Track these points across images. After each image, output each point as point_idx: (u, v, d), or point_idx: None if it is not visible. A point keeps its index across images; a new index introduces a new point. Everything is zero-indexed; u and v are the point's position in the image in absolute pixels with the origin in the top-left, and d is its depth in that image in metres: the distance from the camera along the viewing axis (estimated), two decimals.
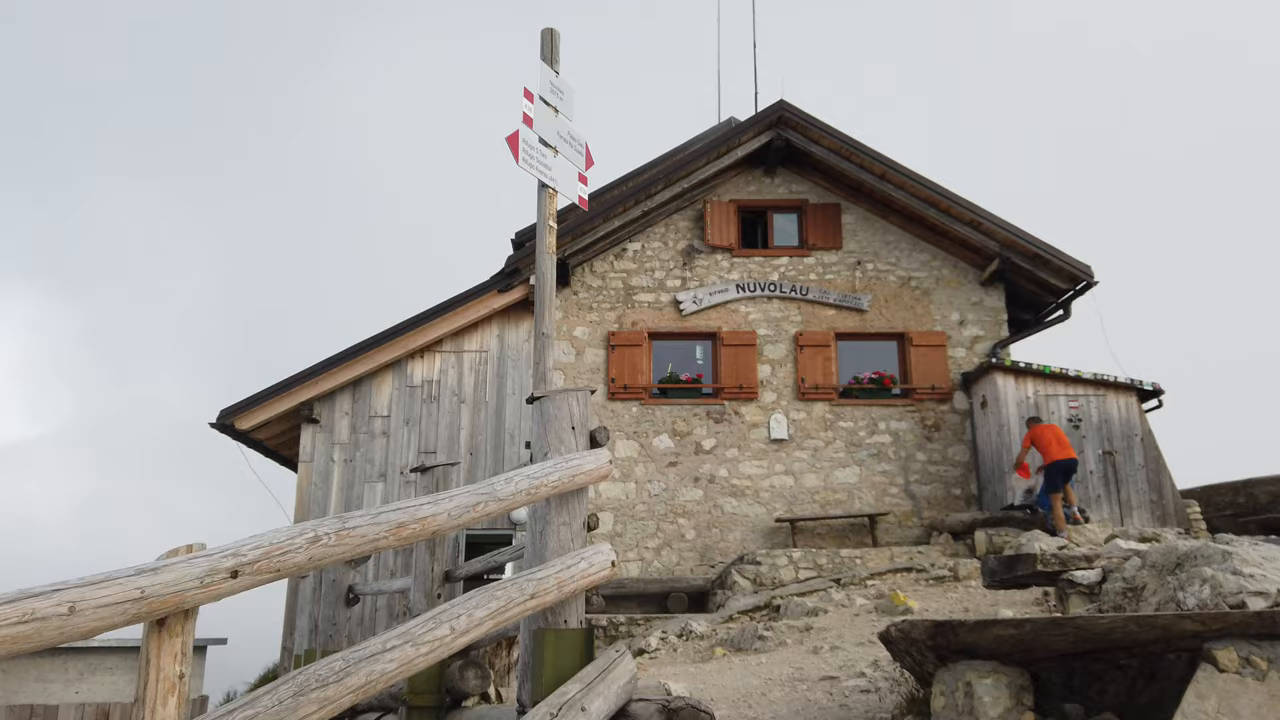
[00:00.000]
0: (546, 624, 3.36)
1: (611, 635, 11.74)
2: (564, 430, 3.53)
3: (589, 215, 13.61)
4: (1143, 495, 12.42)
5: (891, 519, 13.21)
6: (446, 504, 2.55)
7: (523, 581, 2.95)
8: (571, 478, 3.30)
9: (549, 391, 3.62)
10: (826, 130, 13.75)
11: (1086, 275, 13.35)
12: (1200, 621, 3.04)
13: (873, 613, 8.52)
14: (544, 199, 4.25)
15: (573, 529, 3.50)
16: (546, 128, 4.34)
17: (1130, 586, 3.75)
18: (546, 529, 3.49)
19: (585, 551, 3.40)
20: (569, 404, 3.57)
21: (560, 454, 3.49)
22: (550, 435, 3.55)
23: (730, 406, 13.62)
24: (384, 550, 2.31)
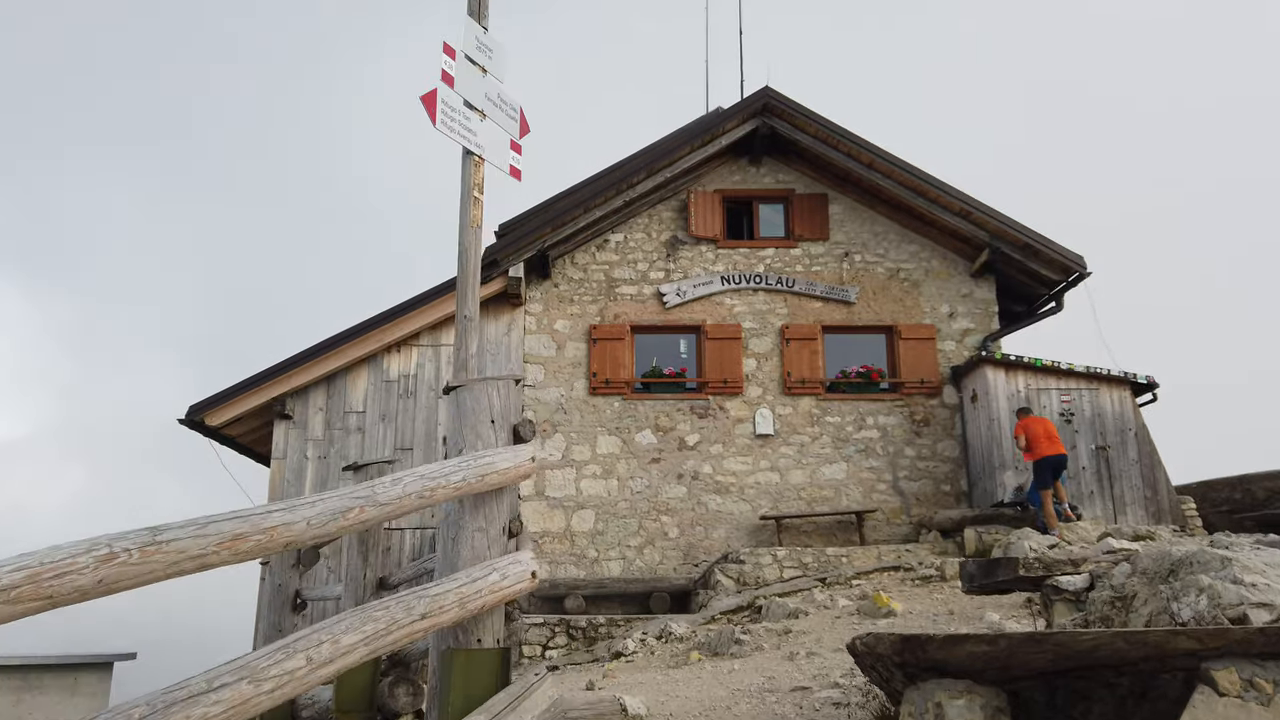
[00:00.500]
0: (457, 643, 3.00)
1: (591, 637, 11.40)
2: (482, 424, 3.18)
3: (569, 205, 13.26)
4: (1136, 492, 12.09)
5: (879, 516, 12.88)
6: (306, 510, 2.17)
7: (411, 599, 2.58)
8: (480, 478, 2.94)
9: (466, 381, 3.27)
10: (813, 118, 13.39)
11: (1079, 266, 13.01)
12: (1197, 639, 2.70)
13: (855, 615, 8.18)
14: (468, 167, 3.89)
15: (489, 535, 3.14)
16: (472, 88, 3.96)
17: (1119, 595, 3.42)
18: (460, 535, 3.13)
19: (499, 561, 3.03)
20: (488, 394, 3.21)
21: (476, 450, 3.13)
22: (466, 430, 3.20)
23: (715, 401, 13.27)
24: (216, 568, 1.94)
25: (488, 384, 3.21)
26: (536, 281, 13.67)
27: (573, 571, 12.60)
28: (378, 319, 12.97)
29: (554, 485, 12.91)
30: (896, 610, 7.85)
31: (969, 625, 6.84)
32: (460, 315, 3.76)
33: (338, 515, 2.23)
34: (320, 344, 12.83)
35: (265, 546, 2.00)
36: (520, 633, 11.48)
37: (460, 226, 3.80)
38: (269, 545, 2.00)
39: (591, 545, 12.72)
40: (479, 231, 3.78)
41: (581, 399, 13.23)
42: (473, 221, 3.78)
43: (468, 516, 3.11)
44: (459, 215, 3.79)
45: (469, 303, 3.73)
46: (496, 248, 13.08)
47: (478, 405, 3.20)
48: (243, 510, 2.00)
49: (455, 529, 3.14)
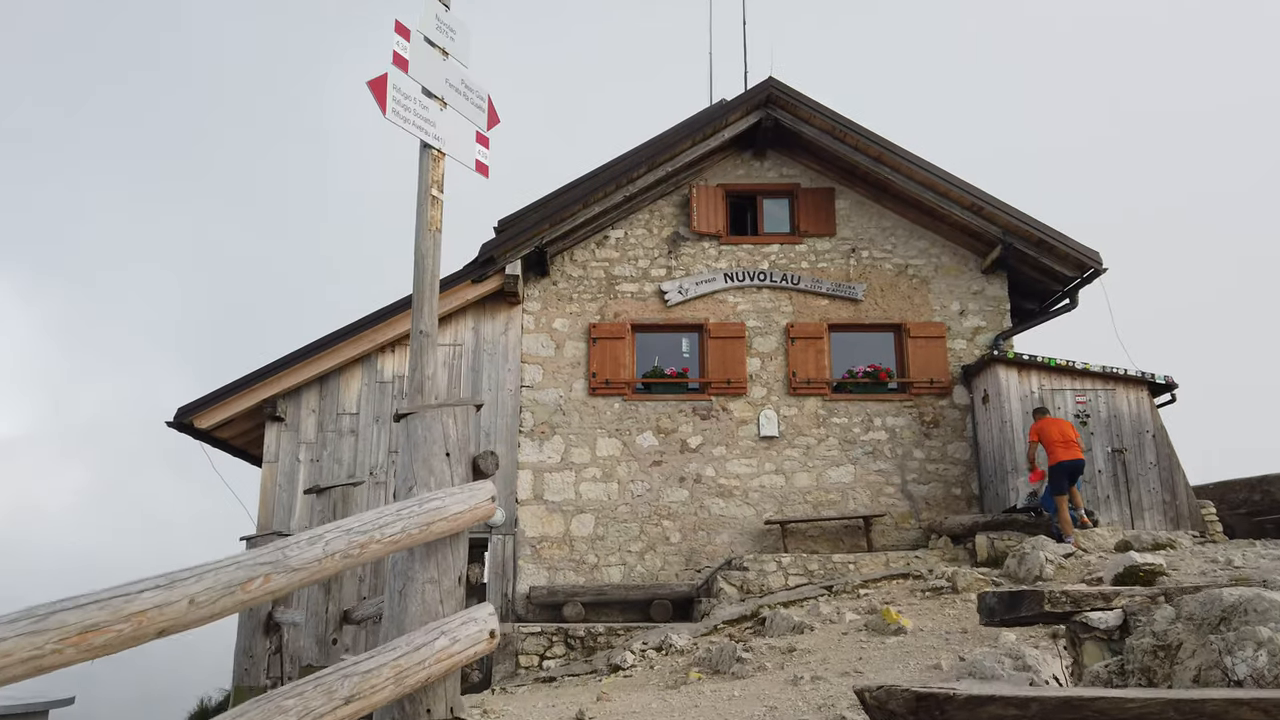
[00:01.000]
0: (403, 714, 2.62)
1: (590, 646, 11.05)
2: (435, 457, 2.81)
3: (568, 200, 12.88)
4: (1155, 496, 11.68)
5: (888, 520, 12.49)
6: (190, 586, 1.77)
7: (334, 679, 2.18)
8: (425, 527, 2.55)
9: (417, 407, 2.89)
10: (818, 109, 12.97)
11: (1094, 262, 12.58)
12: (1264, 710, 2.31)
13: (862, 631, 7.80)
14: (425, 162, 3.50)
15: (443, 587, 2.76)
16: (430, 74, 3.57)
17: (1162, 644, 3.04)
18: (408, 588, 2.75)
19: (450, 622, 2.64)
20: (443, 423, 2.84)
21: (429, 488, 2.76)
22: (417, 464, 2.82)
23: (718, 402, 12.89)
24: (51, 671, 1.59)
25: (443, 411, 2.84)
26: (535, 279, 13.30)
27: (572, 578, 12.26)
28: (371, 318, 12.62)
29: (553, 489, 12.55)
30: (906, 627, 7.46)
31: (985, 647, 6.45)
32: (415, 330, 3.37)
33: (234, 589, 1.85)
34: (312, 344, 12.49)
35: (132, 637, 1.61)
36: (517, 642, 11.14)
37: (416, 229, 3.41)
38: (138, 635, 1.62)
39: (591, 550, 12.37)
40: (438, 236, 3.40)
41: (581, 400, 12.87)
42: (430, 224, 3.39)
43: (417, 566, 2.73)
44: (415, 216, 3.40)
45: (425, 316, 3.34)
46: (493, 244, 12.71)
47: (430, 435, 2.83)
48: (102, 593, 1.61)
49: (403, 580, 2.75)
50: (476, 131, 3.82)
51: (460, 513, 2.69)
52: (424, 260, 3.38)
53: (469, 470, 2.91)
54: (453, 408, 2.87)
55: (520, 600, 12.13)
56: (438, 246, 3.38)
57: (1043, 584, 8.62)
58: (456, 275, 12.76)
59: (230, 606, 1.87)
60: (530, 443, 12.69)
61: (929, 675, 5.89)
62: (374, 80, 3.31)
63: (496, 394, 12.84)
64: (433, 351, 3.32)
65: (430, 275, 3.41)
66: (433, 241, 3.37)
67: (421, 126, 3.48)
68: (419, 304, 3.40)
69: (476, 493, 2.80)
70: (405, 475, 2.84)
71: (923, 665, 6.22)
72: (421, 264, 3.38)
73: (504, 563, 12.31)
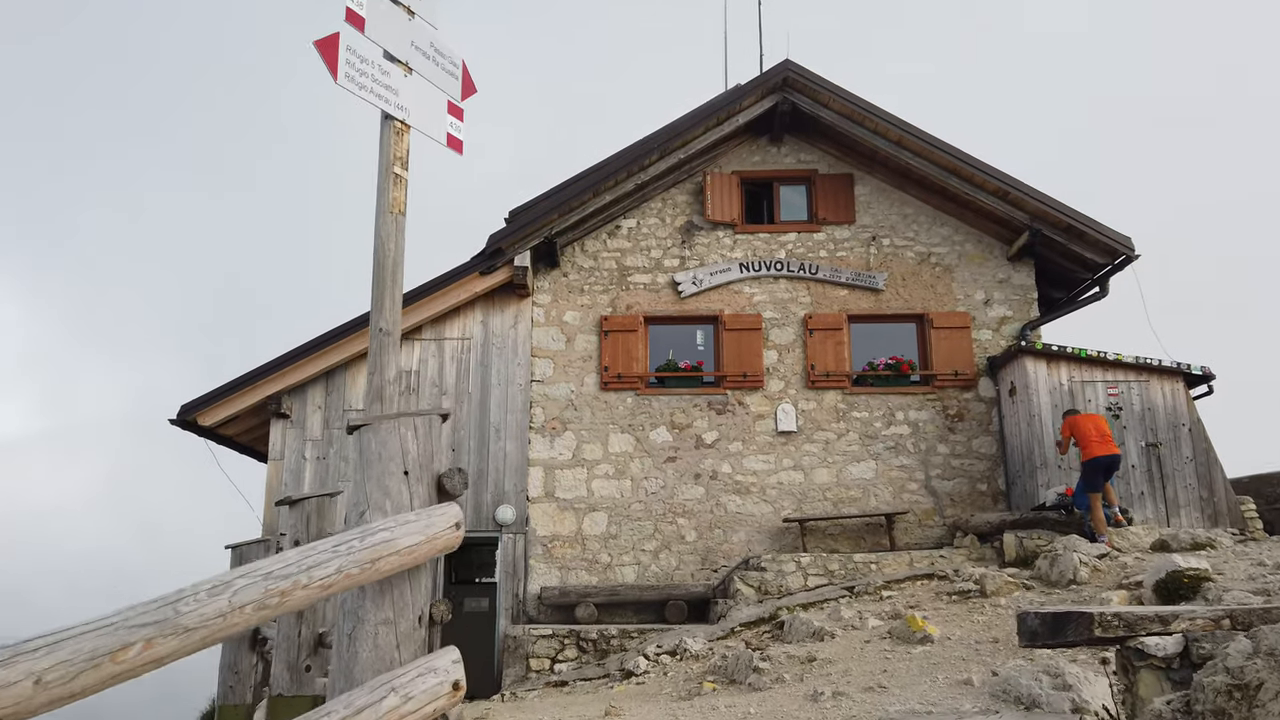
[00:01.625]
0: None
1: (603, 649, 10.72)
2: (391, 477, 2.44)
3: (578, 189, 12.49)
4: (1191, 492, 11.19)
5: (910, 518, 12.06)
6: (38, 661, 1.37)
7: None
8: (368, 565, 2.14)
9: (371, 418, 2.53)
10: (837, 92, 12.50)
11: (1126, 248, 12.06)
12: None
13: (886, 639, 7.40)
14: (387, 135, 3.10)
15: (399, 630, 2.39)
16: (392, 35, 3.17)
17: (1238, 683, 2.65)
18: (358, 632, 2.37)
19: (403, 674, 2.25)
20: (401, 437, 2.46)
21: (384, 513, 2.39)
22: (370, 484, 2.45)
23: (733, 396, 12.49)
24: None
25: (400, 423, 2.47)
26: (544, 271, 12.93)
27: (584, 578, 11.91)
28: None
29: (564, 486, 12.20)
30: (933, 635, 7.06)
31: (1019, 660, 6.04)
32: (375, 328, 2.98)
33: (99, 660, 1.46)
34: (317, 339, 12.17)
35: None
36: (528, 644, 10.82)
37: (376, 211, 3.01)
38: None
39: (604, 549, 12.01)
40: (401, 219, 3.01)
41: (592, 395, 12.50)
42: (392, 205, 3.00)
43: (369, 605, 2.36)
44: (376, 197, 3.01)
45: (387, 311, 2.95)
46: (501, 235, 12.35)
47: (386, 451, 2.46)
48: None
49: (353, 622, 2.37)
50: (449, 101, 3.43)
51: (414, 545, 2.30)
52: (384, 246, 2.99)
53: (432, 491, 2.54)
54: (412, 418, 2.51)
55: (531, 601, 11.81)
56: (401, 231, 2.99)
57: (1076, 587, 8.19)
58: (464, 267, 12.41)
59: (94, 684, 1.50)
60: (541, 439, 12.34)
61: (959, 692, 5.49)
62: (322, 40, 2.90)
63: (506, 389, 12.50)
64: (395, 352, 2.94)
65: (392, 264, 3.02)
66: (395, 226, 2.98)
67: (381, 95, 3.08)
68: (379, 297, 3.01)
69: (435, 520, 2.41)
70: (356, 498, 2.47)
71: (951, 679, 5.82)
72: (382, 251, 2.99)
73: (515, 562, 11.99)
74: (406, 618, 2.40)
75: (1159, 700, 3.17)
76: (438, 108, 3.36)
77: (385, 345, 2.91)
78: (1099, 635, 3.50)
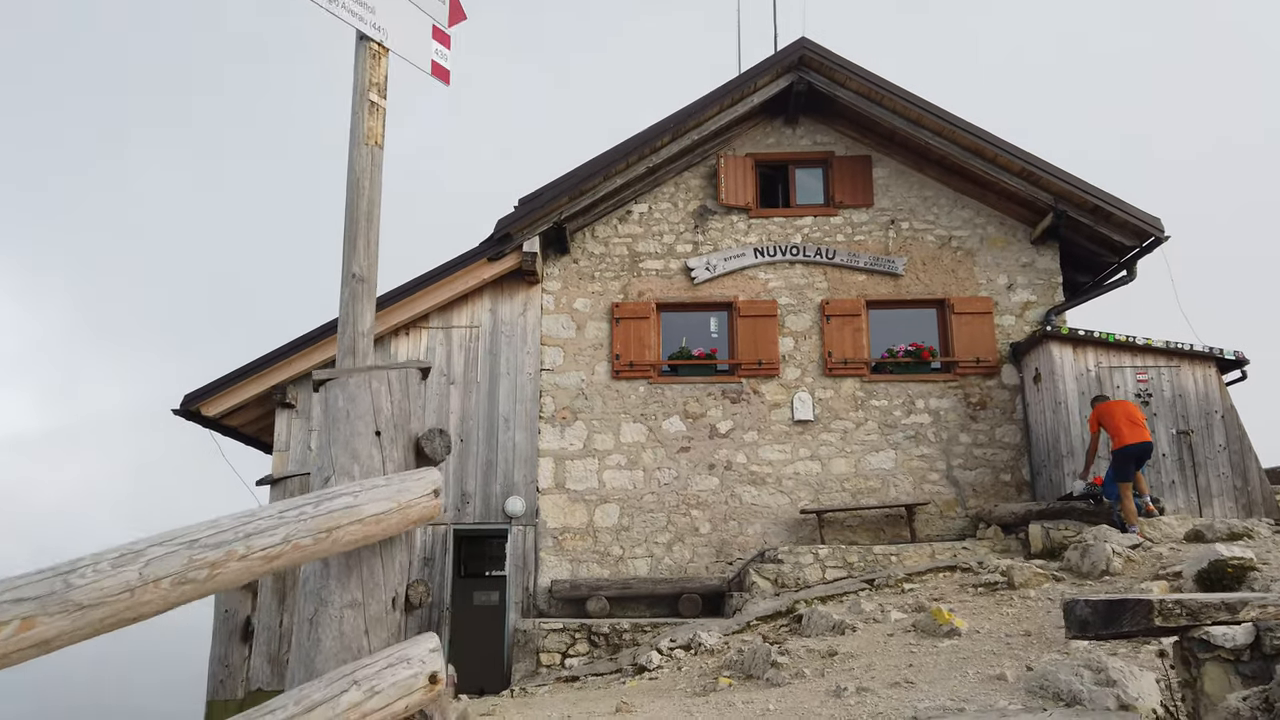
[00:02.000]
0: None
1: (615, 644, 10.43)
2: (360, 438, 2.13)
3: (588, 173, 12.16)
4: (1224, 481, 10.79)
5: (932, 509, 11.70)
6: None
7: None
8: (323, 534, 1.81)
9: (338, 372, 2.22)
10: (854, 71, 12.13)
11: (1155, 229, 11.64)
12: None
13: (910, 632, 7.06)
14: (362, 58, 2.79)
15: (368, 613, 2.07)
16: None
17: None
18: (321, 615, 2.04)
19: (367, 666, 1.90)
20: (372, 392, 2.15)
21: (351, 478, 2.08)
22: (336, 447, 2.14)
23: (748, 385, 12.15)
24: None
25: (372, 377, 2.16)
26: (554, 257, 12.63)
27: (596, 570, 11.61)
28: (383, 299, 11.97)
29: (575, 477, 11.90)
30: (960, 628, 6.72)
31: (1055, 654, 5.70)
32: (347, 274, 2.67)
33: None
34: (322, 327, 11.90)
35: None
36: (538, 639, 10.54)
37: (350, 143, 2.69)
38: None
39: (616, 542, 11.71)
40: (378, 153, 2.70)
41: (604, 383, 12.20)
42: (367, 136, 2.69)
43: (333, 585, 2.03)
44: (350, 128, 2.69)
45: (361, 255, 2.64)
46: (509, 220, 12.05)
47: (355, 409, 2.14)
48: None
49: (315, 604, 2.06)
50: (434, 26, 3.11)
51: (382, 513, 1.97)
52: (359, 183, 2.67)
53: (409, 455, 2.23)
54: (386, 371, 2.20)
55: (542, 594, 11.52)
56: (378, 167, 2.68)
57: (1110, 578, 7.82)
58: (472, 253, 12.13)
59: None
60: (551, 429, 12.04)
61: (992, 688, 5.16)
62: None
63: (515, 378, 12.21)
64: (369, 301, 2.63)
65: (368, 202, 2.70)
66: (370, 159, 2.67)
67: (356, 13, 2.77)
68: (352, 238, 2.69)
69: (409, 485, 2.08)
70: (321, 463, 2.17)
71: (983, 674, 5.48)
72: (356, 187, 2.68)
73: (525, 555, 11.70)
74: (377, 599, 2.09)
75: (1233, 697, 2.84)
76: (421, 32, 3.04)
77: (359, 293, 2.61)
78: (1159, 624, 3.16)
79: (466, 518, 11.75)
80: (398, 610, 2.13)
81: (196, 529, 1.51)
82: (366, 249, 2.64)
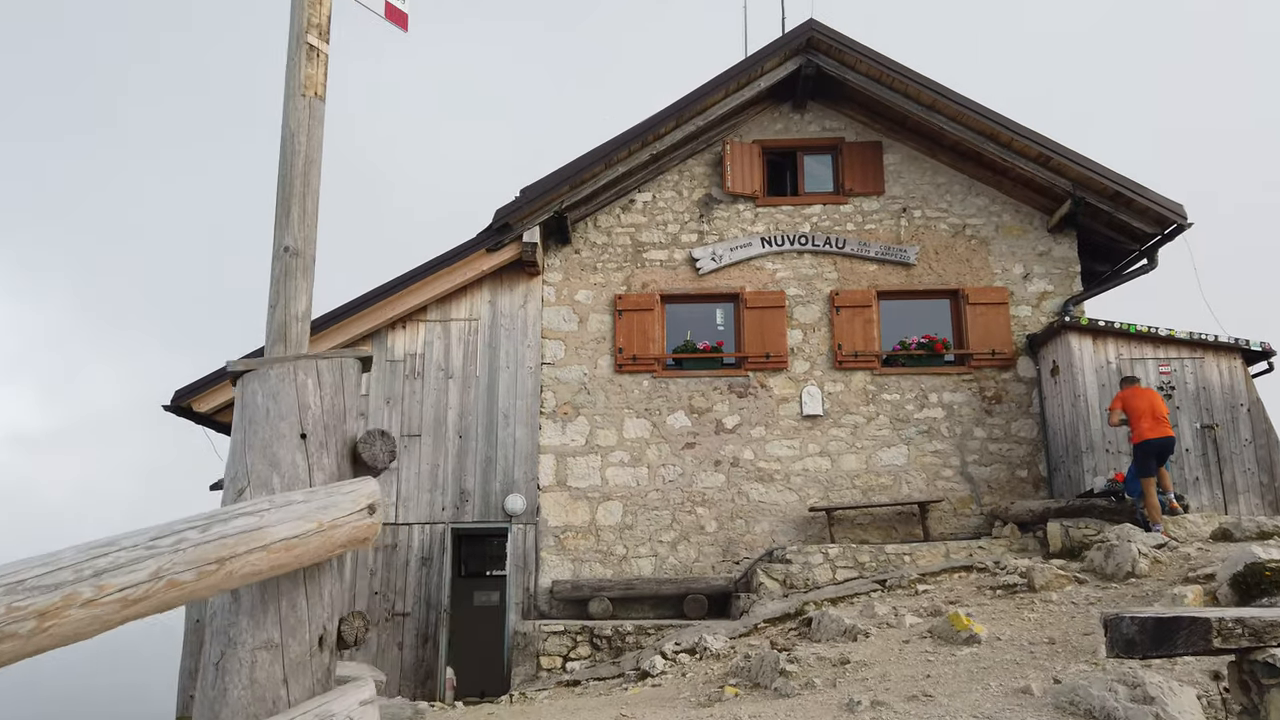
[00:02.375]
0: None
1: (618, 647, 10.09)
2: (281, 441, 1.75)
3: (589, 161, 11.79)
4: (1250, 477, 10.38)
5: (945, 507, 11.32)
6: None
7: None
8: (214, 565, 1.39)
9: (256, 362, 1.85)
10: (865, 53, 11.72)
11: (1178, 216, 11.22)
12: None
13: (926, 638, 6.70)
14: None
15: (289, 656, 1.69)
16: None
17: None
18: (229, 660, 1.67)
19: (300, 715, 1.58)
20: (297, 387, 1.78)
21: (270, 490, 1.72)
22: (252, 453, 1.78)
23: (755, 378, 11.78)
24: None
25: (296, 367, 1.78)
26: (555, 248, 12.27)
27: (599, 570, 11.27)
28: (380, 291, 11.68)
29: (577, 474, 11.55)
30: (980, 634, 6.35)
31: (1084, 664, 5.32)
32: (279, 246, 2.29)
33: None
34: (316, 321, 11.56)
35: None
36: (539, 641, 10.20)
37: (285, 94, 2.31)
38: None
39: (619, 541, 11.36)
40: (318, 105, 2.32)
41: (606, 378, 11.84)
42: (305, 85, 2.31)
43: (244, 622, 1.65)
44: (286, 74, 2.32)
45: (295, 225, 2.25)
46: (508, 209, 11.69)
47: (276, 407, 1.76)
48: None
49: (221, 646, 1.69)
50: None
51: (296, 537, 1.56)
52: (294, 139, 2.30)
53: (343, 462, 1.86)
54: (315, 361, 1.83)
55: (543, 595, 11.19)
56: (317, 121, 2.30)
57: (1136, 580, 7.44)
58: (470, 244, 11.78)
59: None
60: (552, 424, 11.70)
61: (1017, 702, 4.79)
62: None
63: (515, 372, 11.86)
64: (305, 279, 2.26)
65: (305, 161, 2.32)
66: (309, 112, 2.29)
67: None
68: (285, 204, 2.31)
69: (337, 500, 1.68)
70: (234, 472, 1.80)
71: (1007, 687, 5.11)
72: (291, 145, 2.30)
73: (525, 554, 11.36)
74: (299, 639, 1.71)
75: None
76: None
77: (293, 269, 2.23)
78: (1218, 645, 2.80)
79: (465, 516, 11.43)
80: (326, 651, 1.76)
81: (25, 565, 1.15)
82: (302, 218, 2.27)
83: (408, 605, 11.12)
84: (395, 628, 11.08)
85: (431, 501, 11.47)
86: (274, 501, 1.62)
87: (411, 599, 11.13)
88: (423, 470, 11.55)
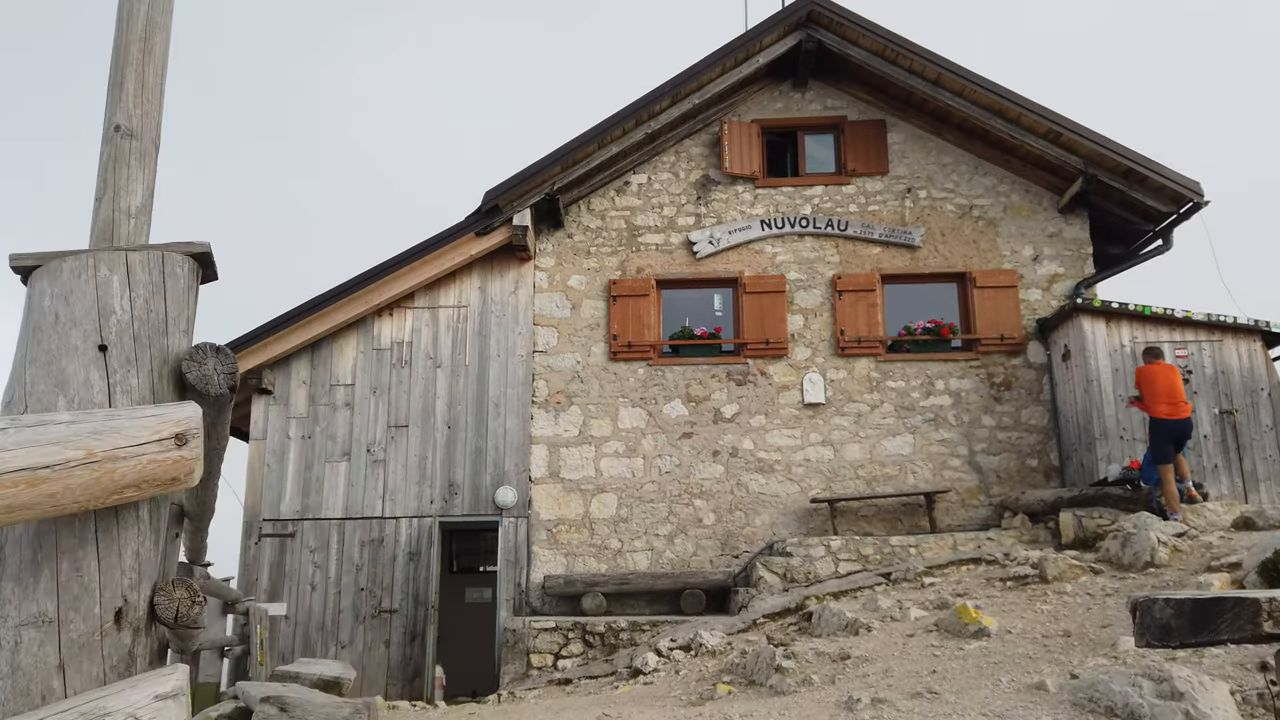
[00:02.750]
0: None
1: (611, 644, 9.69)
2: (70, 355, 1.33)
3: (582, 140, 11.39)
4: (1272, 464, 9.94)
5: (953, 497, 10.89)
6: None
7: None
8: None
9: (46, 255, 1.43)
10: (868, 27, 11.29)
11: (1194, 194, 10.76)
12: None
13: (932, 632, 6.28)
14: None
15: (65, 636, 1.26)
16: None
17: None
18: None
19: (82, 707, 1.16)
20: (95, 286, 1.36)
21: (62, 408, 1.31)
22: (35, 368, 1.35)
23: (755, 366, 11.37)
24: None
25: (98, 260, 1.38)
26: (547, 232, 11.87)
27: (592, 565, 10.87)
28: (365, 277, 11.30)
29: (570, 465, 11.16)
30: (989, 628, 5.92)
31: (1102, 658, 4.90)
32: (109, 126, 1.87)
33: None
34: (300, 307, 11.21)
35: None
36: (529, 639, 9.81)
37: None
38: None
39: (614, 534, 10.96)
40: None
41: (600, 365, 11.44)
42: None
43: (9, 589, 1.24)
44: None
45: (129, 100, 1.83)
46: (498, 191, 11.29)
47: (69, 309, 1.34)
48: None
49: None
50: None
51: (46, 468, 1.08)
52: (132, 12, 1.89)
53: (160, 383, 1.42)
54: (125, 254, 1.43)
55: (535, 590, 10.79)
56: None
57: (1155, 570, 7.00)
58: (458, 227, 11.39)
59: None
60: (544, 414, 11.30)
61: (1030, 699, 4.37)
62: None
63: (506, 360, 11.47)
64: (142, 169, 1.85)
65: (145, 24, 1.90)
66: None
67: None
68: (118, 74, 1.88)
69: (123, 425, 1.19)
70: (11, 393, 1.39)
71: (1019, 683, 4.69)
72: (130, 19, 1.88)
73: (516, 549, 10.97)
74: (85, 613, 1.27)
75: None
76: None
77: (124, 153, 1.82)
78: (1269, 630, 2.38)
79: (454, 510, 11.03)
80: (127, 630, 1.33)
81: None
82: (140, 91, 1.86)
83: (395, 601, 10.73)
84: (382, 625, 10.70)
85: (419, 494, 11.08)
86: (18, 421, 1.20)
87: (399, 595, 10.75)
88: (410, 462, 11.17)
